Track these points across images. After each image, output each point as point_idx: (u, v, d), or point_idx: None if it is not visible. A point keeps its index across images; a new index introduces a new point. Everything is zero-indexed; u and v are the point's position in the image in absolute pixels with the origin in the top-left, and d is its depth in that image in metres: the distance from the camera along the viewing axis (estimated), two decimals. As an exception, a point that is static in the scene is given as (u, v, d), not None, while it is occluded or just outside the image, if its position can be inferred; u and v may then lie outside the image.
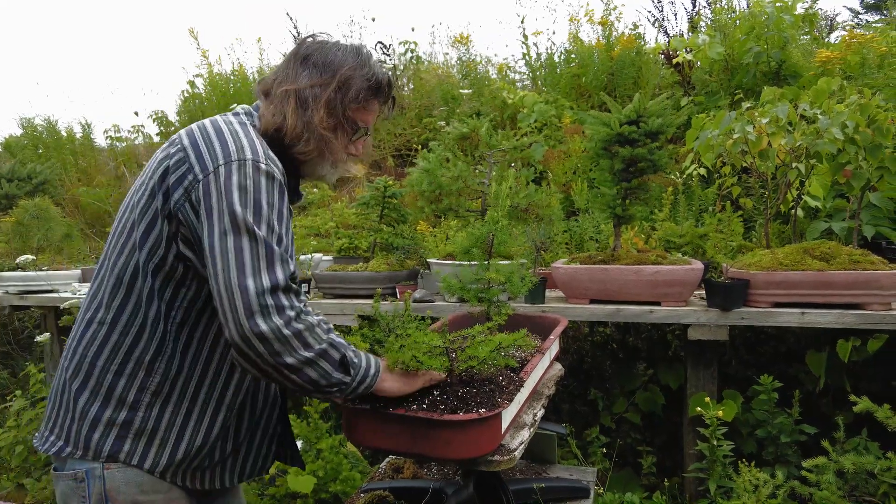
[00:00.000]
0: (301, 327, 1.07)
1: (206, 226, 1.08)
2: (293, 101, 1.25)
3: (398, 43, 6.09)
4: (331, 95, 1.26)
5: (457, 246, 1.71)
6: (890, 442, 2.18)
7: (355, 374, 1.15)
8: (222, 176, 1.09)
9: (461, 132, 2.97)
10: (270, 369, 1.07)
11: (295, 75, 1.28)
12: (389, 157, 5.39)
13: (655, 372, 3.07)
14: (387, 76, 1.34)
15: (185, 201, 1.12)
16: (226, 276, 1.04)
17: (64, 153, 6.99)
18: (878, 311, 2.22)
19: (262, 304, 1.04)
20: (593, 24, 5.49)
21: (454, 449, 1.13)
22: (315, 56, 1.29)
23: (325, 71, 1.28)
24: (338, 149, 1.30)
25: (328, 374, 1.11)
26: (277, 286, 1.06)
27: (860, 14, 9.84)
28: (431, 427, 1.12)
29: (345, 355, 1.13)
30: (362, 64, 1.30)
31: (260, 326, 1.03)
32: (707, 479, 2.37)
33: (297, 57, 1.30)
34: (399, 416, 1.17)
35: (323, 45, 1.31)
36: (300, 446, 2.73)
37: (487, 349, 1.25)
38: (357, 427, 1.24)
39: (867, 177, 2.36)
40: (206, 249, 1.08)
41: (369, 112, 1.34)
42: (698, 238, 2.99)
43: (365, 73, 1.29)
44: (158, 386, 1.19)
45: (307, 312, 1.11)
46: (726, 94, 4.23)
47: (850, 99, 2.33)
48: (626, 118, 2.48)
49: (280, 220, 1.13)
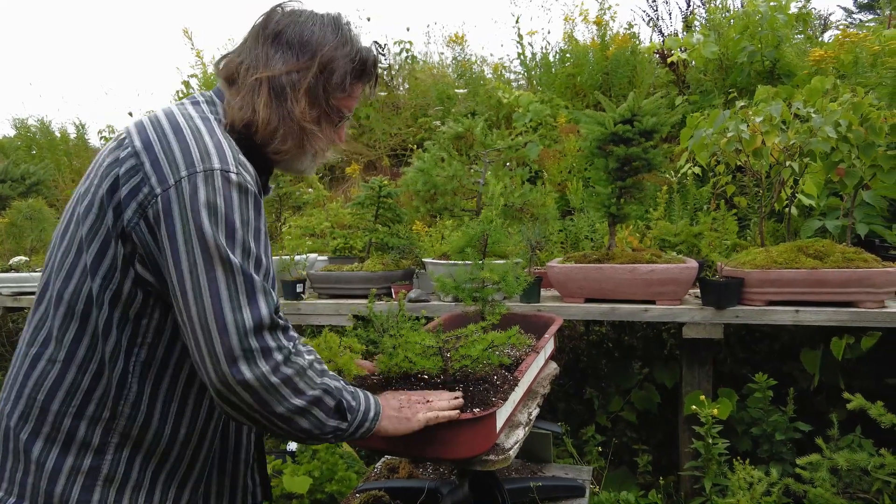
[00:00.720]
0: (291, 372, 0.93)
1: (168, 253, 0.91)
2: (265, 91, 1.05)
3: (393, 42, 6.08)
4: (312, 83, 1.07)
5: (451, 245, 1.71)
6: (883, 439, 2.19)
7: (353, 419, 1.03)
8: (186, 191, 0.91)
9: (456, 132, 2.97)
10: (259, 417, 0.93)
11: (266, 58, 1.07)
12: (385, 156, 5.38)
13: (651, 370, 3.07)
14: (372, 54, 1.15)
15: (140, 219, 0.94)
16: (200, 315, 0.89)
17: (58, 154, 6.96)
18: (871, 309, 2.22)
19: (246, 347, 0.89)
20: (588, 23, 5.50)
21: (449, 449, 1.13)
22: (288, 33, 1.08)
23: (302, 52, 1.07)
24: (322, 141, 1.12)
25: (322, 423, 0.98)
26: (262, 325, 0.91)
27: (854, 13, 9.88)
28: (426, 428, 1.12)
29: (341, 401, 1.00)
30: (344, 41, 1.10)
31: (244, 374, 0.88)
32: (702, 477, 2.38)
33: (266, 33, 1.09)
34: None
35: (296, 19, 1.10)
36: (295, 447, 2.73)
37: (480, 348, 1.25)
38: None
39: (860, 175, 2.37)
40: (174, 282, 0.91)
41: (354, 97, 1.16)
42: (693, 237, 3.00)
43: (348, 51, 1.10)
44: (126, 429, 1.01)
45: (297, 353, 0.96)
46: (721, 93, 4.24)
47: (844, 98, 2.34)
48: (621, 117, 2.48)
49: (258, 240, 0.97)
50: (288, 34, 1.08)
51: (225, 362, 0.88)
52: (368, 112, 5.51)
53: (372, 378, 1.39)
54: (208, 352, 0.89)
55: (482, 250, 1.67)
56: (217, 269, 0.90)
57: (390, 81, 6.02)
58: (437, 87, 5.56)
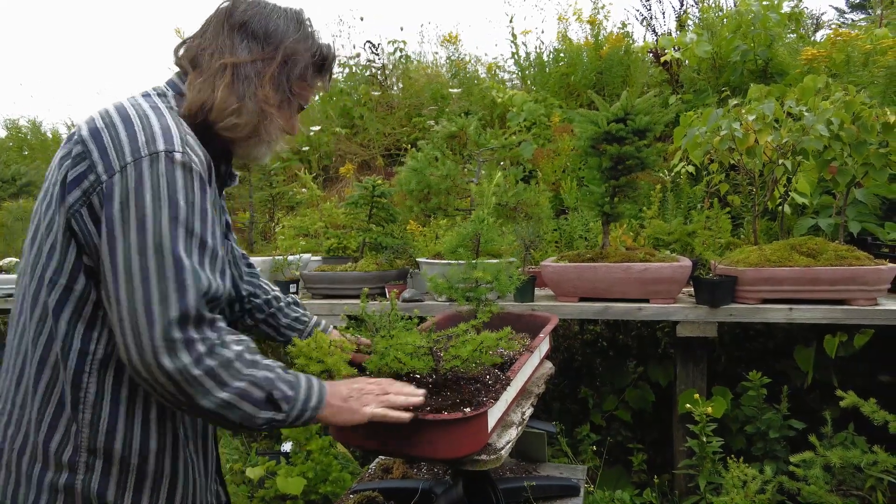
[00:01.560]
0: (214, 364, 0.92)
1: (105, 237, 0.92)
2: (229, 76, 1.09)
3: (387, 42, 6.08)
4: (276, 72, 1.13)
5: (444, 245, 1.71)
6: (876, 436, 2.20)
7: (290, 409, 1.00)
8: (131, 176, 0.92)
9: (450, 131, 2.97)
10: (186, 410, 0.94)
11: (231, 46, 1.11)
12: (379, 156, 5.37)
13: (645, 369, 3.08)
14: (331, 50, 1.22)
15: (83, 206, 0.95)
16: (129, 300, 0.89)
17: (49, 154, 6.90)
18: (864, 307, 2.23)
19: (168, 338, 0.88)
20: (582, 22, 5.50)
21: (439, 449, 1.12)
22: (254, 24, 1.13)
23: (267, 43, 1.13)
24: (273, 128, 1.15)
25: (252, 416, 0.96)
26: (188, 316, 0.90)
27: (845, 13, 9.93)
28: (416, 427, 1.11)
29: (272, 392, 0.98)
30: (306, 36, 1.17)
31: (165, 365, 0.88)
32: (697, 475, 2.38)
33: (231, 22, 1.13)
34: None
35: (261, 10, 1.15)
36: (289, 448, 2.72)
37: (470, 348, 1.25)
38: (342, 427, 1.21)
39: (852, 173, 2.38)
40: (106, 264, 0.91)
41: (312, 89, 1.23)
42: (687, 235, 3.00)
43: (309, 45, 1.17)
44: (91, 441, 0.98)
45: (224, 344, 0.95)
46: (714, 91, 4.25)
47: (836, 96, 2.35)
48: (614, 116, 2.48)
49: (203, 221, 0.96)
50: (253, 25, 1.13)
51: (148, 351, 0.88)
52: (362, 112, 5.50)
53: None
54: (133, 338, 0.88)
55: (475, 250, 1.67)
56: (150, 257, 0.90)
57: (384, 81, 6.01)
58: (431, 86, 5.55)
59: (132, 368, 0.90)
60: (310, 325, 1.56)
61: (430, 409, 1.16)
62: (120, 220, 0.91)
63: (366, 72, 5.98)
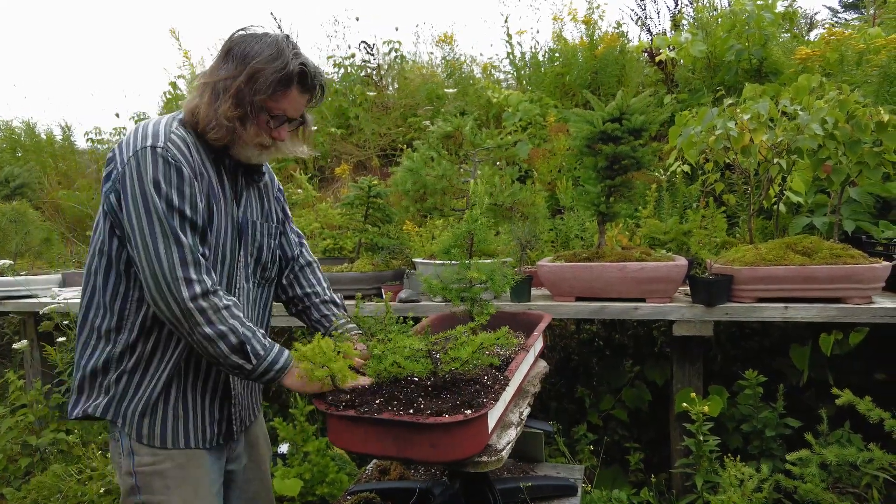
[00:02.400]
0: (205, 305, 1.27)
1: (125, 211, 1.28)
2: (209, 93, 1.35)
3: (382, 42, 6.06)
4: (240, 87, 1.33)
5: (437, 246, 1.71)
6: (872, 434, 2.21)
7: (257, 364, 1.32)
8: (132, 164, 1.29)
9: (445, 131, 2.96)
10: (184, 333, 1.29)
11: (216, 68, 1.38)
12: (374, 156, 5.36)
13: (642, 368, 3.08)
14: (298, 67, 1.37)
15: (112, 192, 1.33)
16: (146, 252, 1.26)
17: (43, 156, 6.87)
18: (858, 305, 2.24)
19: (173, 276, 1.25)
20: (577, 22, 5.50)
21: (440, 452, 1.12)
22: (236, 49, 1.37)
23: (240, 63, 1.35)
24: (247, 136, 1.38)
25: (225, 355, 1.30)
26: (185, 260, 1.26)
27: (839, 13, 9.98)
28: (417, 431, 1.11)
29: (244, 343, 1.30)
30: (276, 56, 1.34)
31: (168, 297, 1.25)
32: (694, 474, 2.38)
33: (225, 48, 1.39)
34: (383, 421, 1.15)
35: (245, 38, 1.38)
36: (286, 449, 2.70)
37: (470, 350, 1.24)
38: (341, 433, 1.22)
39: (847, 172, 2.39)
40: (128, 230, 1.29)
41: (286, 101, 1.39)
42: (682, 234, 3.01)
43: (277, 65, 1.34)
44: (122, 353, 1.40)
45: (216, 294, 1.30)
46: (709, 91, 4.26)
47: (830, 95, 2.35)
48: (609, 116, 2.48)
49: (181, 197, 1.29)
50: (235, 49, 1.37)
51: (160, 285, 1.26)
52: (358, 112, 5.49)
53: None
54: (150, 277, 1.27)
55: (468, 250, 1.67)
56: (154, 219, 1.27)
57: (380, 81, 6.00)
58: (427, 86, 5.55)
59: (151, 300, 1.28)
60: (332, 326, 1.69)
61: (430, 412, 1.16)
62: (132, 196, 1.28)
63: (361, 72, 5.97)
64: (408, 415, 1.16)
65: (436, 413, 1.15)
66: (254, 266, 1.56)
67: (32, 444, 2.95)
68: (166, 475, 1.41)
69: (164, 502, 1.40)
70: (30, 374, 3.66)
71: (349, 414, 1.19)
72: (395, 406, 1.21)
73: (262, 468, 1.73)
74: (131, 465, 1.40)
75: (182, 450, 1.43)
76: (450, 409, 1.16)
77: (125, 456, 1.41)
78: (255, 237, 1.54)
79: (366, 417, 1.17)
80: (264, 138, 1.41)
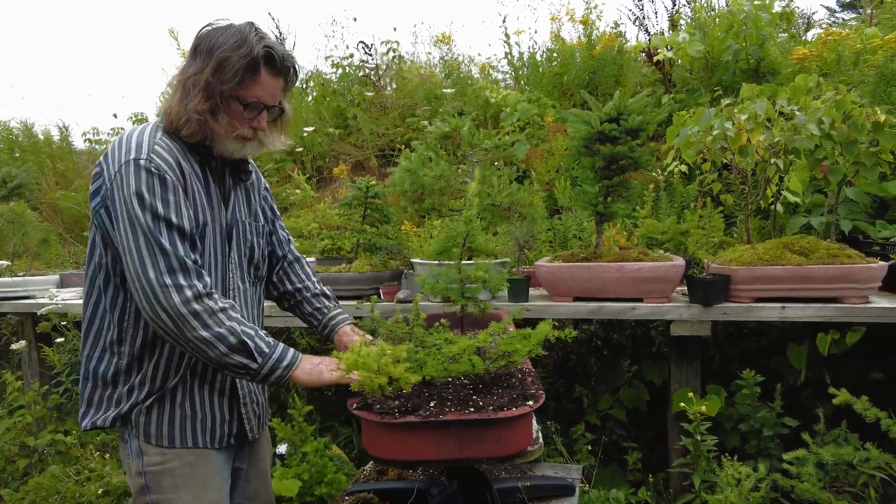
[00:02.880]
0: (199, 308, 1.26)
1: (117, 225, 1.29)
2: (179, 91, 1.35)
3: (380, 42, 6.06)
4: (208, 79, 1.32)
5: (432, 247, 1.72)
6: (868, 433, 2.21)
7: (264, 362, 1.31)
8: (117, 179, 1.29)
9: (443, 131, 2.96)
10: (178, 340, 1.27)
11: (186, 66, 1.38)
12: (373, 156, 5.36)
13: (640, 368, 3.08)
14: (263, 51, 1.34)
15: (102, 207, 1.33)
16: (133, 265, 1.26)
17: (41, 156, 6.85)
18: (855, 305, 2.25)
19: (161, 284, 1.24)
20: (574, 22, 5.51)
21: (504, 446, 1.13)
22: (202, 44, 1.36)
23: (207, 57, 1.34)
24: (221, 129, 1.36)
25: (225, 356, 1.28)
26: (172, 268, 1.25)
27: (836, 12, 9.98)
28: (486, 428, 1.11)
29: (246, 342, 1.29)
30: (241, 43, 1.32)
31: (160, 304, 1.24)
32: (692, 474, 2.39)
33: (191, 47, 1.38)
34: (448, 423, 1.12)
35: (210, 32, 1.37)
36: (285, 450, 2.70)
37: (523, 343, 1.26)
38: (390, 442, 1.16)
39: (844, 172, 2.39)
40: (119, 243, 1.29)
41: (258, 87, 1.36)
42: (680, 234, 3.01)
43: (242, 52, 1.32)
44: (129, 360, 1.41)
45: (210, 296, 1.29)
46: (707, 91, 4.27)
47: (826, 95, 2.36)
48: (607, 116, 2.48)
49: (166, 206, 1.28)
50: (202, 45, 1.36)
51: (150, 297, 1.25)
52: (356, 112, 5.49)
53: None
54: (140, 289, 1.26)
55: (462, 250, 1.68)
56: (138, 232, 1.26)
57: (378, 81, 6.00)
58: (425, 86, 5.55)
59: (144, 314, 1.28)
60: (326, 318, 1.71)
61: (493, 407, 1.15)
62: (120, 211, 1.28)
63: (359, 72, 5.96)
64: (475, 412, 1.13)
65: (497, 408, 1.14)
66: (247, 265, 1.56)
67: (30, 445, 2.95)
68: (175, 473, 1.41)
69: (174, 500, 1.40)
70: (28, 375, 3.66)
71: (410, 420, 1.12)
72: (451, 406, 1.19)
73: (263, 467, 1.73)
74: (140, 466, 1.40)
75: (190, 448, 1.43)
76: (508, 403, 1.16)
77: (134, 457, 1.41)
78: (245, 237, 1.54)
79: (431, 421, 1.12)
80: (243, 130, 1.39)
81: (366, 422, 1.18)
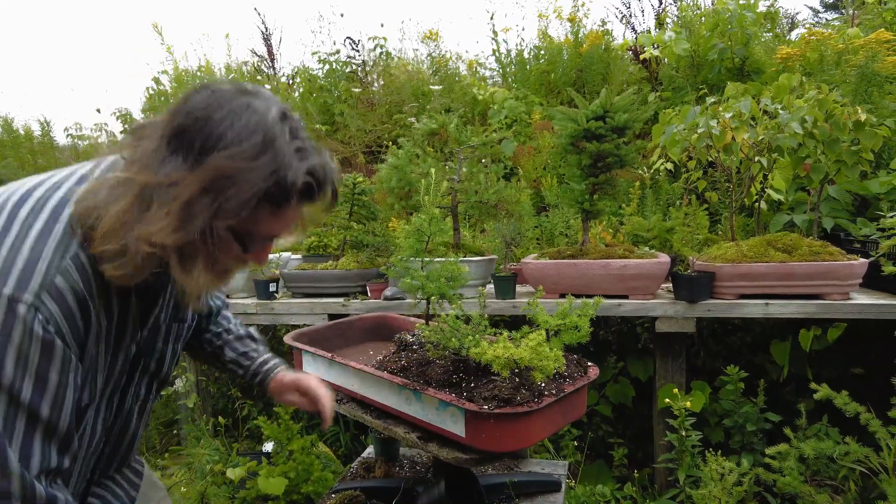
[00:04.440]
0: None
1: None
2: (130, 197, 0.81)
3: (367, 38, 6.03)
4: (193, 198, 0.79)
5: (404, 250, 1.73)
6: (848, 427, 2.25)
7: None
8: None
9: (430, 128, 2.96)
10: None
11: (155, 158, 0.82)
12: (360, 153, 5.34)
13: (625, 364, 3.11)
14: (304, 179, 0.85)
15: None
16: None
17: (22, 152, 6.74)
18: (836, 301, 2.28)
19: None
20: (562, 20, 5.52)
21: (577, 411, 1.49)
22: (191, 129, 0.81)
23: (198, 157, 0.81)
24: (186, 274, 0.85)
25: None
26: (9, 494, 0.80)
27: (820, 13, 10.11)
28: (577, 394, 1.44)
29: None
30: (261, 151, 0.81)
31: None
32: (677, 469, 2.41)
33: (170, 125, 0.83)
34: (561, 398, 1.37)
35: (209, 111, 0.82)
36: (271, 448, 2.69)
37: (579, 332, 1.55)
38: (514, 434, 1.30)
39: (826, 170, 2.43)
40: None
41: (277, 221, 0.88)
42: (665, 232, 3.03)
43: (264, 171, 0.81)
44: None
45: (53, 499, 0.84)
46: (692, 89, 4.30)
47: (809, 94, 2.39)
48: (593, 114, 2.49)
49: (41, 391, 0.81)
50: (190, 132, 0.81)
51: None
52: (343, 108, 5.46)
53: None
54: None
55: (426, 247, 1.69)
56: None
57: (365, 78, 5.97)
58: (412, 83, 5.53)
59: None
60: (255, 363, 1.39)
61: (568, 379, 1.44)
62: None
63: (346, 68, 5.93)
64: (568, 385, 1.42)
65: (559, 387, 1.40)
66: (151, 380, 1.13)
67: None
68: None
69: None
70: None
71: (549, 401, 1.32)
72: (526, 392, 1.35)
73: None
74: None
75: None
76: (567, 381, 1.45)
77: None
78: (154, 354, 1.10)
79: (547, 404, 1.31)
80: (228, 264, 0.91)
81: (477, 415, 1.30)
